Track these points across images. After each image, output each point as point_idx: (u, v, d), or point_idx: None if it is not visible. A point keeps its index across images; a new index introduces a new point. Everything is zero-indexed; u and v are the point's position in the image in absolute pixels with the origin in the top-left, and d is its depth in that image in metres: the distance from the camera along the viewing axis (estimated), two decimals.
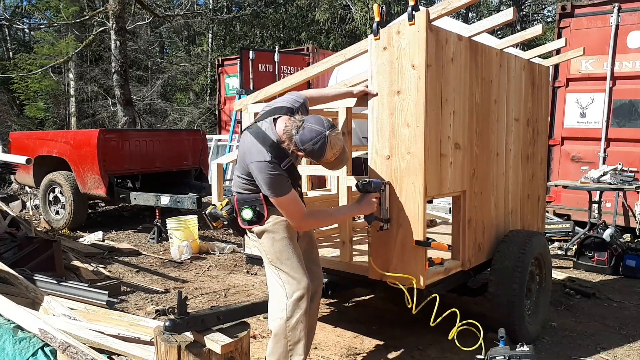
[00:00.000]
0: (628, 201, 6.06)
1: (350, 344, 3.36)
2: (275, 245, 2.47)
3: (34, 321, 2.79)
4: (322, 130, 2.29)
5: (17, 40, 21.79)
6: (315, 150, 2.30)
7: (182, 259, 5.60)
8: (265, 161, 2.31)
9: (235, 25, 21.45)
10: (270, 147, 2.33)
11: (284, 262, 2.47)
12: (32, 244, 4.46)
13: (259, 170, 2.32)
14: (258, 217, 2.45)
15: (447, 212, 5.36)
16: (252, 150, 2.37)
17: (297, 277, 2.45)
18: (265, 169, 2.31)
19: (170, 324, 2.16)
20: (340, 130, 2.40)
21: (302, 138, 2.29)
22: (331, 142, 2.30)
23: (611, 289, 4.58)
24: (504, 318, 3.09)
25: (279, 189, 2.34)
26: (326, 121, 2.34)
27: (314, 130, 2.28)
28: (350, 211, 2.70)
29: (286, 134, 2.33)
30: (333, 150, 2.33)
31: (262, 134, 2.38)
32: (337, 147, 2.34)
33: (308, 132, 2.28)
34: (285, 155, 2.36)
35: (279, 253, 2.47)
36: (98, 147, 6.52)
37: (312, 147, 2.29)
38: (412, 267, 2.70)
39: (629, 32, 5.99)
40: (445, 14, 2.60)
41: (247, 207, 2.44)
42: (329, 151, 2.32)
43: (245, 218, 2.46)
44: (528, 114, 3.77)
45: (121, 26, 10.40)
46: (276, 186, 2.33)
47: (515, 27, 17.92)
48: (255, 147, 2.35)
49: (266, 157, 2.31)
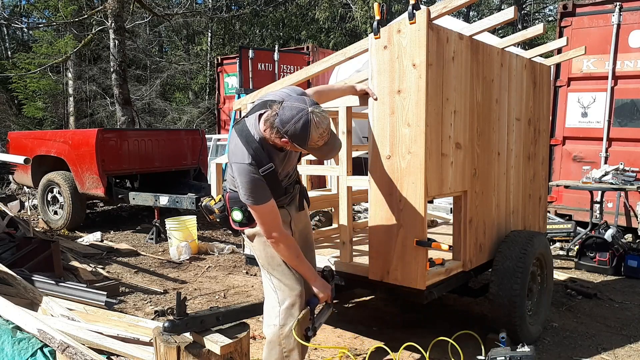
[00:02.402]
0: (630, 201, 6.05)
1: (350, 345, 3.35)
2: (267, 250, 2.37)
3: (32, 322, 2.77)
4: (304, 106, 2.06)
5: (15, 39, 21.77)
6: (298, 131, 2.05)
7: (181, 260, 5.58)
8: (244, 163, 2.15)
9: (235, 24, 21.44)
10: (252, 148, 2.16)
11: (275, 268, 2.39)
12: (30, 244, 4.44)
13: (238, 172, 2.18)
14: (249, 219, 2.32)
15: (448, 212, 5.35)
16: (235, 150, 2.21)
17: (288, 284, 2.38)
18: (244, 172, 2.15)
19: (169, 325, 2.14)
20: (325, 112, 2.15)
21: (282, 119, 2.06)
22: (315, 121, 2.05)
23: (613, 289, 4.57)
24: (505, 319, 3.07)
25: (255, 195, 2.17)
26: (309, 99, 2.13)
27: (294, 107, 2.06)
28: (312, 276, 2.40)
29: (267, 122, 2.13)
30: (318, 130, 2.07)
31: (245, 132, 2.21)
32: (322, 126, 2.08)
33: (288, 111, 2.06)
34: (267, 159, 2.19)
35: (270, 258, 2.39)
36: (96, 146, 6.50)
37: (294, 127, 2.05)
38: (413, 268, 2.68)
39: (631, 31, 5.97)
40: (446, 12, 2.58)
41: (237, 208, 2.31)
42: (313, 131, 2.05)
43: (235, 219, 2.35)
44: (529, 113, 3.75)
45: (120, 25, 10.38)
46: (253, 192, 2.17)
47: (517, 26, 17.92)
48: (238, 147, 2.19)
49: (246, 159, 2.15)
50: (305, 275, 2.40)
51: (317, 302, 2.43)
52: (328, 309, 2.55)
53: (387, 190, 2.74)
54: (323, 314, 2.52)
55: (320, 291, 2.41)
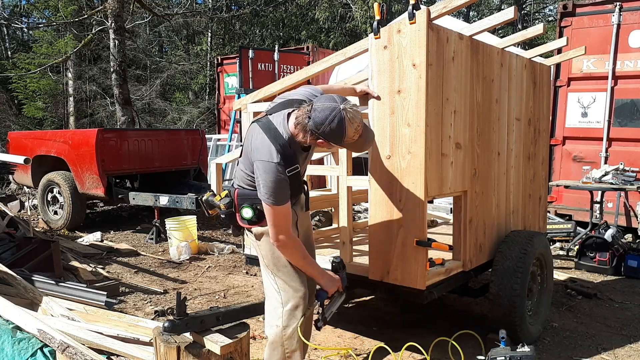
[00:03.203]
0: (630, 201, 6.05)
1: (350, 345, 3.34)
2: (275, 251, 2.34)
3: (32, 322, 2.77)
4: (335, 104, 2.07)
5: (15, 39, 21.76)
6: (334, 130, 2.07)
7: (181, 260, 5.58)
8: (272, 162, 2.12)
9: (235, 24, 21.43)
10: (281, 146, 2.15)
11: (280, 269, 2.37)
12: (30, 244, 4.44)
13: (263, 170, 2.14)
14: (258, 217, 2.29)
15: (448, 212, 5.35)
16: (260, 147, 2.17)
17: (293, 285, 2.37)
18: (270, 170, 2.13)
19: (169, 325, 2.14)
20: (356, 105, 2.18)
21: (316, 121, 2.07)
22: (348, 117, 2.07)
23: (613, 289, 4.57)
24: (505, 318, 3.07)
25: (277, 196, 2.16)
26: (337, 96, 2.14)
27: (326, 107, 2.07)
28: (318, 275, 2.42)
29: (299, 126, 2.14)
30: (353, 125, 2.09)
31: (273, 130, 2.18)
32: (356, 121, 2.10)
33: (320, 112, 2.07)
34: (294, 159, 2.19)
35: (276, 259, 2.37)
36: (96, 146, 6.50)
37: (329, 127, 2.06)
38: (413, 268, 2.68)
39: (631, 31, 5.97)
40: (446, 12, 2.58)
41: (248, 205, 2.29)
42: (349, 127, 2.08)
43: (244, 217, 2.32)
44: (529, 113, 3.75)
45: (120, 25, 10.37)
46: (276, 193, 2.15)
47: (517, 26, 17.92)
48: (265, 145, 2.16)
49: (274, 158, 2.12)
50: (312, 275, 2.41)
51: (326, 295, 2.43)
52: (340, 297, 2.54)
53: (387, 190, 2.74)
54: (334, 303, 2.52)
55: (328, 287, 2.41)
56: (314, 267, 2.42)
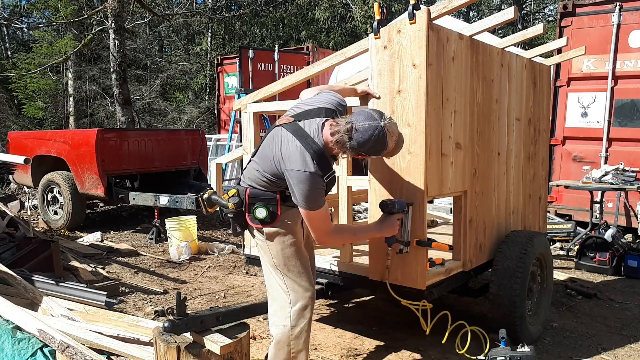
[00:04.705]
0: (630, 201, 6.05)
1: (350, 345, 3.34)
2: (285, 251, 2.34)
3: (32, 322, 2.77)
4: (377, 123, 2.13)
5: (15, 39, 21.77)
6: (377, 146, 2.16)
7: (181, 260, 5.58)
8: (309, 172, 2.13)
9: (235, 24, 21.43)
10: (317, 154, 2.15)
11: (291, 269, 2.36)
12: (30, 244, 4.44)
13: (299, 180, 2.14)
14: (271, 217, 2.30)
15: (448, 212, 5.35)
16: (293, 155, 2.16)
17: (303, 285, 2.37)
18: (308, 180, 2.13)
19: (170, 325, 2.14)
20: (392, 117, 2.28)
21: (359, 141, 2.13)
22: (389, 131, 2.16)
23: (613, 289, 4.57)
24: (505, 319, 3.07)
25: (315, 202, 2.18)
26: (375, 112, 2.21)
27: (369, 127, 2.13)
28: (373, 232, 2.57)
29: (338, 143, 2.17)
30: (393, 138, 2.20)
31: (308, 139, 2.18)
32: (395, 133, 2.22)
33: (364, 133, 2.12)
34: (329, 167, 2.21)
35: (287, 259, 2.35)
36: (96, 146, 6.49)
37: (373, 145, 2.14)
38: (413, 268, 2.68)
39: (631, 32, 5.98)
40: (446, 12, 2.58)
41: (262, 205, 2.29)
42: (390, 141, 2.18)
43: (258, 217, 2.30)
44: (529, 113, 3.75)
45: (120, 25, 10.37)
46: (313, 200, 2.17)
47: (517, 26, 17.92)
48: (298, 152, 2.15)
49: (310, 167, 2.13)
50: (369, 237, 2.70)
51: (394, 240, 2.56)
52: (406, 217, 2.56)
53: (387, 190, 2.74)
54: (405, 225, 2.56)
55: (389, 233, 2.52)
56: (365, 233, 2.64)
